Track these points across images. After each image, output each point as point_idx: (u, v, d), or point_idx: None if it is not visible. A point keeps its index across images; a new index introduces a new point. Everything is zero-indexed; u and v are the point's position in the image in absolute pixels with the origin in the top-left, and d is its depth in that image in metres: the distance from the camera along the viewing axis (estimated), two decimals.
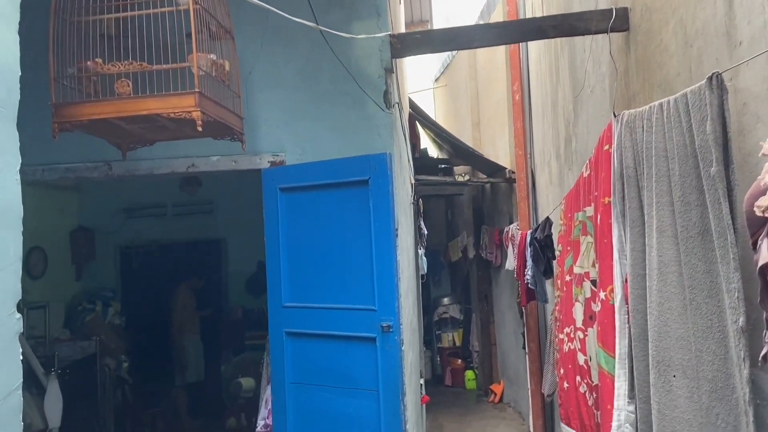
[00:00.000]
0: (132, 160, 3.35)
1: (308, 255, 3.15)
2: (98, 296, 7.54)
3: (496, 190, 7.99)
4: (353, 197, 3.05)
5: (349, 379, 2.99)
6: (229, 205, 7.96)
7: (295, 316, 3.19)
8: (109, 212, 7.93)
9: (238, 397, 5.95)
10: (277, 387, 3.24)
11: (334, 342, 3.04)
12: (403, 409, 2.92)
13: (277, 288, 3.25)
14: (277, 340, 3.24)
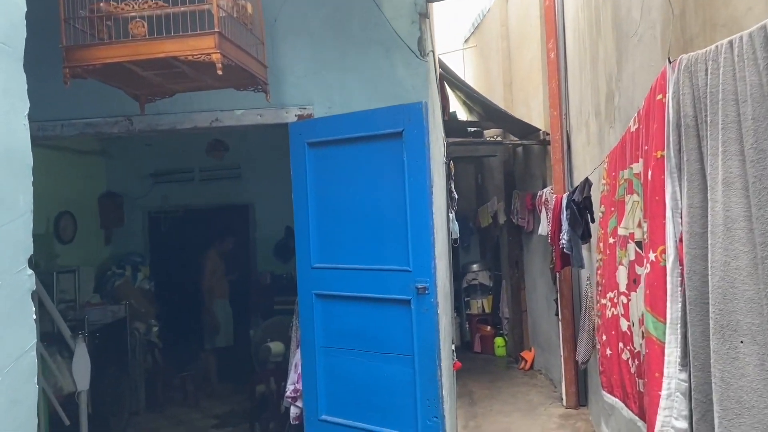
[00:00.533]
0: (153, 114, 3.16)
1: (338, 213, 2.94)
2: (127, 261, 7.48)
3: (529, 153, 7.68)
4: (386, 151, 2.83)
5: (382, 343, 2.81)
6: (257, 170, 7.80)
7: (325, 277, 3.00)
8: (136, 177, 7.83)
9: (268, 361, 5.83)
10: (307, 351, 3.08)
11: (365, 304, 2.85)
12: (439, 374, 2.73)
13: (305, 248, 3.07)
14: (306, 303, 3.07)
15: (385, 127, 2.82)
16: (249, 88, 2.81)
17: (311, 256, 3.06)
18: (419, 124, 2.74)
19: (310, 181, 3.05)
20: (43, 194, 6.79)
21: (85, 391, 4.00)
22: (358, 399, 2.89)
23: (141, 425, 6.37)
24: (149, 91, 2.77)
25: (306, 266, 3.09)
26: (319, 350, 3.04)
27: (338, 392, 2.96)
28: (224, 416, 6.53)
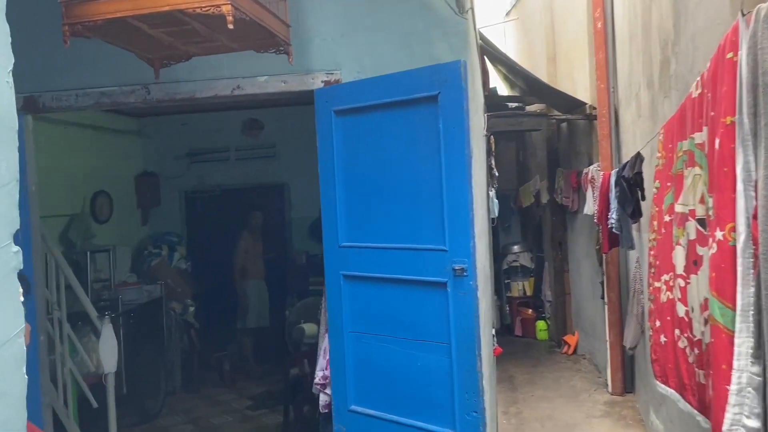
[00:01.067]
0: (171, 82, 2.93)
1: (367, 187, 2.66)
2: (164, 241, 7.37)
3: (574, 129, 7.25)
4: (420, 117, 2.52)
5: (416, 329, 2.52)
6: (292, 149, 7.57)
7: (354, 257, 2.73)
8: (173, 157, 7.69)
9: (301, 343, 5.62)
10: (335, 336, 2.82)
11: (397, 287, 2.57)
12: (479, 365, 2.44)
13: (332, 225, 2.79)
14: (333, 284, 2.80)
15: (418, 90, 2.50)
16: (270, 50, 2.53)
17: (339, 234, 2.79)
18: (457, 86, 2.42)
19: (337, 152, 2.76)
20: (80, 174, 6.69)
21: (112, 373, 3.84)
22: (391, 389, 2.62)
23: (177, 405, 6.26)
24: (163, 53, 2.53)
25: (333, 245, 2.82)
26: (348, 336, 2.78)
27: (369, 381, 2.70)
28: (259, 397, 6.37)
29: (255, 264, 7.03)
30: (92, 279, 5.97)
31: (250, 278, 7.04)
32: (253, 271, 7.02)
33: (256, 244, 7.06)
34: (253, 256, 7.03)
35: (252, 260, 7.02)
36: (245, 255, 7.02)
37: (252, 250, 7.03)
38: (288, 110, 7.52)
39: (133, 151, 7.62)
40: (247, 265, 7.00)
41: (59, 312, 3.94)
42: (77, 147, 6.67)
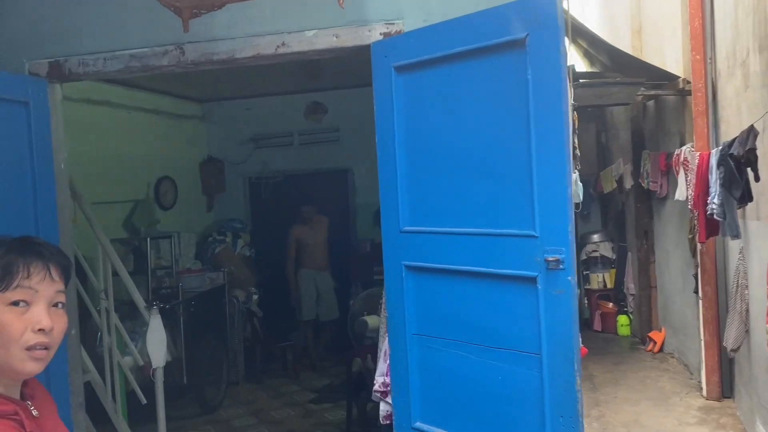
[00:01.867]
0: (207, 40, 2.46)
1: (434, 159, 2.08)
2: (228, 228, 7.04)
3: (662, 107, 6.39)
4: (501, 70, 1.92)
5: (496, 334, 1.93)
6: (356, 133, 7.06)
7: (418, 244, 2.17)
8: (237, 142, 7.35)
9: (364, 336, 5.12)
10: (396, 338, 2.28)
11: (471, 281, 1.98)
12: (578, 381, 1.83)
13: (392, 206, 2.24)
14: (393, 276, 2.26)
15: (500, 33, 1.88)
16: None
17: (400, 217, 2.22)
18: (552, 26, 1.79)
19: (398, 117, 2.20)
20: (144, 159, 6.42)
21: (160, 368, 3.45)
22: (464, 406, 2.05)
23: (238, 396, 5.91)
24: (191, 1, 2.05)
25: (393, 230, 2.26)
26: (411, 338, 2.23)
27: (437, 395, 2.14)
28: (323, 391, 5.93)
29: (311, 255, 6.57)
30: (154, 266, 5.68)
31: (303, 268, 6.58)
32: (309, 262, 6.55)
33: (311, 234, 6.58)
34: (309, 245, 6.58)
35: (307, 251, 6.57)
36: (298, 246, 6.58)
37: (307, 241, 6.57)
38: (351, 93, 7.01)
39: (198, 136, 7.32)
40: (302, 256, 6.57)
41: (107, 301, 3.58)
42: (141, 132, 6.40)
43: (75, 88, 5.66)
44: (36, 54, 2.48)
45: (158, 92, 6.60)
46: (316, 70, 6.41)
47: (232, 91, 7.01)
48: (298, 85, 6.88)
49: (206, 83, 6.69)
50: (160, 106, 6.67)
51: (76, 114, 5.65)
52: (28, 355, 1.14)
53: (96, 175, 5.76)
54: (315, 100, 7.07)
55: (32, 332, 1.14)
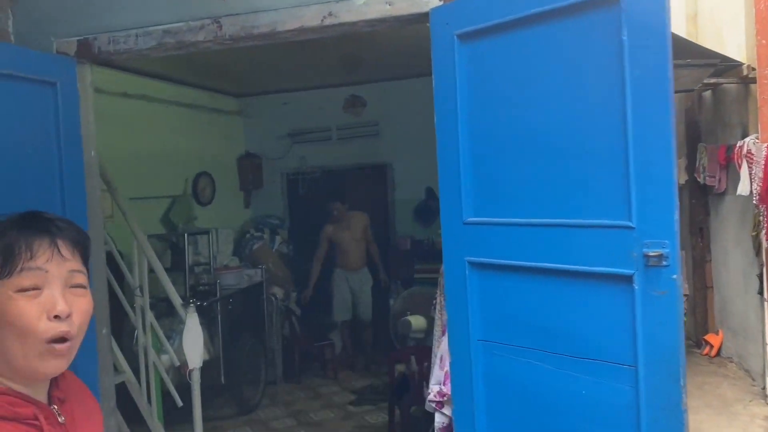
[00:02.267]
0: (247, 13, 2.20)
1: (505, 140, 1.77)
2: (266, 224, 6.83)
3: (720, 97, 5.94)
4: (588, 31, 1.60)
5: (579, 341, 1.60)
6: (396, 127, 6.78)
7: (484, 237, 1.86)
8: (274, 137, 7.13)
9: (407, 337, 4.84)
10: (457, 344, 1.98)
11: (551, 280, 1.66)
12: (684, 399, 1.50)
13: (453, 194, 1.93)
14: (455, 274, 1.96)
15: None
16: None
17: (462, 206, 1.91)
18: None
19: (461, 93, 1.88)
20: (181, 154, 6.24)
21: (197, 369, 3.22)
22: (538, 423, 1.73)
23: (277, 396, 5.68)
24: None
25: (455, 221, 1.95)
26: (476, 345, 1.93)
27: (505, 409, 1.83)
28: (363, 392, 5.66)
29: (344, 254, 6.23)
30: (191, 262, 5.49)
31: (338, 269, 6.27)
32: (342, 261, 6.23)
33: (344, 232, 6.22)
34: (342, 245, 6.22)
35: (341, 250, 6.23)
36: (331, 245, 6.26)
37: (340, 239, 6.22)
38: (391, 85, 6.74)
39: (235, 131, 7.13)
40: (335, 256, 6.25)
41: (142, 299, 3.37)
42: (179, 127, 6.22)
43: (112, 82, 5.51)
44: (64, 32, 2.26)
45: (196, 86, 6.42)
46: (355, 62, 6.15)
47: (270, 85, 6.80)
48: (336, 78, 6.62)
49: (244, 77, 6.49)
50: (198, 101, 6.49)
51: (114, 107, 5.50)
52: (47, 349, 0.97)
53: (134, 170, 5.60)
54: (353, 93, 6.81)
55: (48, 320, 0.97)
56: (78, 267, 1.04)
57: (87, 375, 2.29)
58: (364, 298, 6.23)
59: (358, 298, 6.21)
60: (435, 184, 6.12)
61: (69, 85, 2.25)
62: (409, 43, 5.47)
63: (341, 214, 6.15)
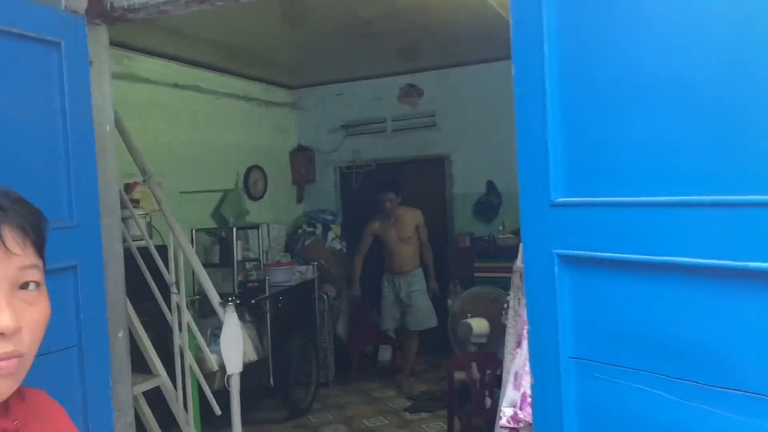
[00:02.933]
0: None
1: (615, 87, 1.26)
2: (318, 219, 6.45)
3: None
4: None
5: (736, 369, 1.08)
6: (454, 117, 6.26)
7: (582, 223, 1.35)
8: (327, 130, 6.74)
9: (468, 342, 4.34)
10: (542, 361, 1.49)
11: (687, 281, 1.13)
12: None
13: (536, 167, 1.41)
14: (539, 272, 1.46)
15: None
16: None
17: (551, 182, 1.39)
18: None
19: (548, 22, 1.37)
20: (233, 147, 5.92)
21: (236, 375, 2.83)
22: None
23: (329, 399, 5.29)
24: None
25: (538, 202, 1.43)
26: (567, 363, 1.43)
27: None
28: (419, 398, 5.19)
29: (390, 255, 5.49)
30: (241, 258, 5.16)
31: (385, 272, 5.59)
32: (388, 264, 5.55)
33: (392, 230, 5.45)
34: (388, 244, 5.49)
35: (387, 250, 5.51)
36: (377, 244, 5.58)
37: (387, 238, 5.47)
38: (449, 73, 6.24)
39: (288, 124, 6.79)
40: (385, 255, 5.56)
41: (178, 296, 3.01)
42: (231, 119, 5.92)
43: (162, 72, 5.25)
44: None
45: (248, 78, 6.11)
46: (412, 50, 5.68)
47: (323, 76, 6.43)
48: (392, 66, 6.18)
49: (297, 68, 6.13)
50: (250, 93, 6.18)
51: (164, 98, 5.23)
52: None
53: (184, 164, 5.32)
54: (409, 82, 6.35)
55: None
56: (30, 261, 0.80)
57: (97, 385, 1.92)
58: (415, 305, 5.42)
59: (406, 306, 5.45)
60: (496, 177, 5.56)
61: (76, 46, 1.88)
62: (470, 27, 4.97)
63: (393, 207, 5.39)
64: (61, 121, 1.86)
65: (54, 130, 1.85)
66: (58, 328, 1.85)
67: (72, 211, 1.87)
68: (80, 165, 1.89)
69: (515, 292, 2.01)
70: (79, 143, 1.89)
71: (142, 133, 4.90)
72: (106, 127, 2.03)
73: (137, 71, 4.94)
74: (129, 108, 4.81)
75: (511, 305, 2.02)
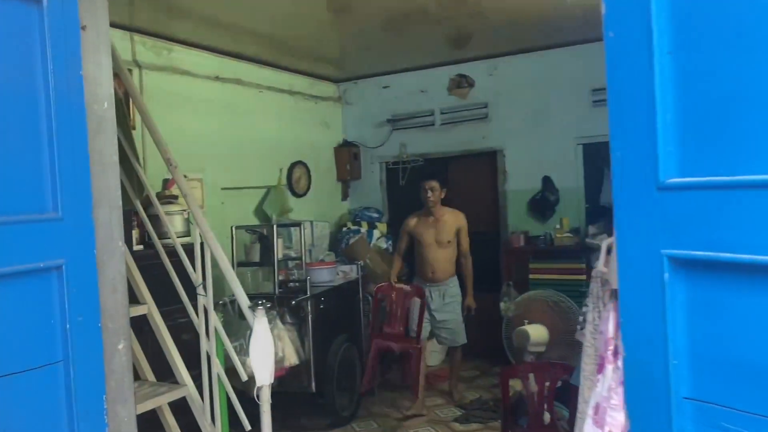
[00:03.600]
0: None
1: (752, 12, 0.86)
2: (363, 217, 6.09)
3: None
4: None
5: None
6: (508, 109, 5.79)
7: (705, 212, 0.95)
8: (373, 124, 6.38)
9: (525, 351, 3.88)
10: (643, 400, 1.07)
11: None
12: None
13: (639, 131, 1.00)
14: (640, 279, 1.04)
15: None
16: None
17: (658, 153, 0.99)
18: None
19: None
20: (276, 142, 5.61)
21: (266, 387, 2.49)
22: None
23: (373, 407, 4.90)
24: None
25: (640, 183, 1.01)
26: (682, 407, 1.01)
27: None
28: (470, 408, 4.75)
29: (424, 260, 4.74)
30: (282, 256, 4.85)
31: (418, 277, 4.83)
32: (420, 270, 4.80)
33: (429, 230, 4.67)
34: (422, 247, 4.71)
35: (420, 253, 4.76)
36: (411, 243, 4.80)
37: (422, 239, 4.69)
38: (503, 62, 5.77)
39: (332, 118, 6.46)
40: (419, 262, 4.81)
41: (205, 298, 2.70)
42: (273, 114, 5.64)
43: (203, 64, 5.00)
44: None
45: (291, 71, 5.82)
46: (464, 37, 5.24)
47: (369, 68, 6.06)
48: (441, 56, 5.76)
49: (342, 61, 5.79)
50: (293, 86, 5.88)
51: (205, 91, 4.97)
52: None
53: (226, 159, 5.06)
54: (460, 72, 5.92)
55: None
56: None
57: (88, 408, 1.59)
58: (449, 318, 4.74)
59: (438, 320, 4.76)
60: (553, 172, 5.02)
61: (63, 6, 1.55)
62: (528, 12, 4.50)
63: (435, 200, 4.55)
64: (44, 94, 1.53)
65: (35, 105, 1.52)
66: (39, 339, 1.53)
67: (57, 201, 1.54)
68: (68, 147, 1.56)
69: (594, 303, 1.57)
70: (66, 122, 1.57)
71: (182, 126, 4.66)
72: (103, 104, 1.72)
73: (177, 63, 4.70)
74: (168, 100, 4.58)
75: (589, 319, 1.58)
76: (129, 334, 1.75)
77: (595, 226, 5.40)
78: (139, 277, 2.77)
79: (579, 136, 5.47)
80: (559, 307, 3.80)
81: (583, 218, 5.53)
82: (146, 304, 2.75)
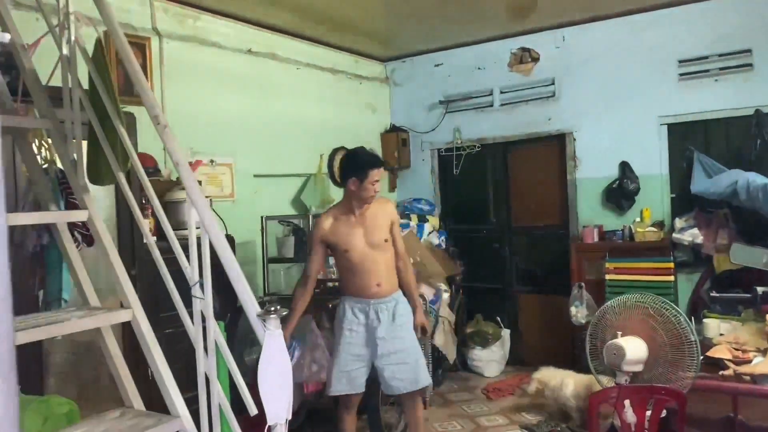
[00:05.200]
0: None
1: None
2: (412, 209, 5.26)
3: None
4: None
5: None
6: (579, 85, 4.83)
7: None
8: (424, 107, 5.52)
9: (619, 369, 2.93)
10: None
11: None
12: None
13: None
14: None
15: None
16: None
17: None
18: None
19: None
20: (316, 126, 4.66)
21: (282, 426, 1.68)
22: None
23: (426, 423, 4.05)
24: None
25: None
26: None
27: None
28: (538, 428, 3.84)
29: (363, 271, 2.90)
30: None
31: (350, 296, 2.96)
32: (361, 283, 2.92)
33: (355, 232, 2.92)
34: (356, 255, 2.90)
35: (355, 265, 2.92)
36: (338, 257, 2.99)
37: (353, 245, 2.90)
38: (572, 32, 4.81)
39: (380, 100, 5.63)
40: (349, 276, 2.98)
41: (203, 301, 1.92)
42: (312, 94, 4.86)
43: (233, 36, 4.25)
44: None
45: (333, 47, 5.03)
46: (526, 6, 4.33)
47: (420, 44, 5.22)
48: (499, 29, 4.86)
49: (390, 37, 4.97)
50: (336, 64, 5.09)
51: (237, 66, 4.22)
52: None
53: (259, 142, 4.32)
54: (522, 46, 5.00)
55: None
56: None
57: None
58: (403, 348, 2.92)
59: (387, 352, 2.89)
60: (632, 157, 3.83)
61: None
62: None
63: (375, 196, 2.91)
64: None
65: None
66: None
67: None
68: None
69: None
70: None
71: (209, 105, 3.94)
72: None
73: (205, 34, 3.98)
74: (192, 75, 3.87)
75: None
76: (11, 366, 0.97)
77: (683, 218, 4.40)
78: (123, 275, 2.03)
79: (663, 115, 4.47)
80: (663, 315, 2.85)
81: (668, 210, 4.53)
82: (130, 309, 2.00)
